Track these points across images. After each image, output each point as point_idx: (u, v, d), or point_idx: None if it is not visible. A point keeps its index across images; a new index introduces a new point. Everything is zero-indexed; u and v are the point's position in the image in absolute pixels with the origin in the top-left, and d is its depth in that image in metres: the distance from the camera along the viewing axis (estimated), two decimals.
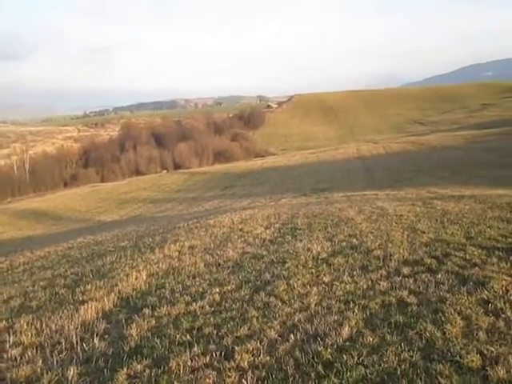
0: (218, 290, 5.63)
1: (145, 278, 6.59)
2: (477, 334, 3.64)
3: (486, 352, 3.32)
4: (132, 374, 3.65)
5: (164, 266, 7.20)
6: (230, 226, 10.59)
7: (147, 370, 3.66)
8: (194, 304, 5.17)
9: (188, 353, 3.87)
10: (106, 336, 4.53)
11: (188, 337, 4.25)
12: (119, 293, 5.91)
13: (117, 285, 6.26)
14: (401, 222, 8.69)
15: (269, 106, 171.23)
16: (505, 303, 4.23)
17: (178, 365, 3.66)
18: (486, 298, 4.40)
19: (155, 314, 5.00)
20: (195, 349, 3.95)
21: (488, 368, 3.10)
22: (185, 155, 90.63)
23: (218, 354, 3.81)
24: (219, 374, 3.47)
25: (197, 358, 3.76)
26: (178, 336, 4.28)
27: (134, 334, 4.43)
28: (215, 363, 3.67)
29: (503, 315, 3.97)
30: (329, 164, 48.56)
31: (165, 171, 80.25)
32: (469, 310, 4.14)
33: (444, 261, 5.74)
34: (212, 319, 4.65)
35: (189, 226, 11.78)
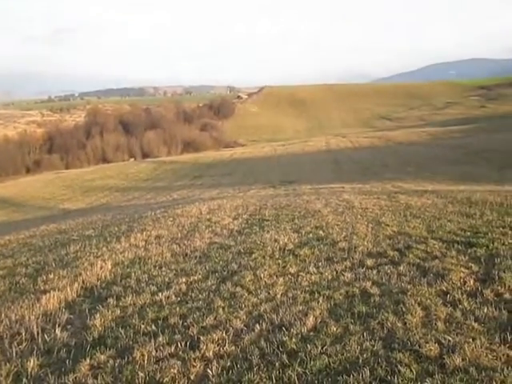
0: (184, 280, 5.59)
1: (110, 267, 6.47)
2: (435, 324, 3.77)
3: (443, 341, 3.45)
4: (95, 364, 3.59)
5: (130, 255, 7.09)
6: (197, 216, 10.51)
7: (111, 361, 3.61)
8: (159, 294, 5.12)
9: (153, 343, 3.85)
10: (69, 326, 4.43)
11: (153, 327, 4.22)
12: (83, 282, 5.79)
13: (81, 274, 6.12)
14: (366, 214, 8.86)
15: (239, 96, 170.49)
16: (462, 294, 4.40)
17: (143, 355, 3.63)
18: (444, 289, 4.56)
19: (120, 303, 4.92)
20: (160, 339, 3.92)
21: (445, 356, 3.23)
22: (153, 144, 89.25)
23: (183, 343, 3.80)
24: (184, 364, 3.47)
25: (162, 348, 3.74)
26: (142, 326, 4.24)
27: (97, 325, 4.36)
28: (180, 353, 3.66)
29: (460, 306, 4.13)
30: (298, 156, 48.92)
31: (132, 159, 78.83)
32: (428, 301, 4.28)
33: (406, 253, 5.90)
34: (178, 309, 4.62)
35: (156, 215, 11.61)
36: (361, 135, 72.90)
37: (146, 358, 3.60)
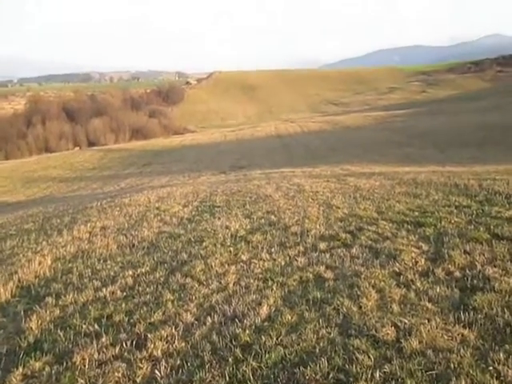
0: (131, 272, 5.28)
1: (50, 263, 6.03)
2: (390, 307, 3.72)
3: (399, 324, 3.39)
4: (29, 373, 3.24)
5: (72, 249, 6.66)
6: (146, 205, 10.12)
7: (47, 368, 3.27)
8: (103, 289, 4.79)
9: (95, 344, 3.54)
10: (1, 332, 4.02)
11: (96, 326, 3.90)
12: (19, 281, 5.32)
13: (16, 272, 5.63)
14: (317, 198, 8.83)
15: (188, 82, 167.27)
16: (414, 274, 4.40)
17: (84, 359, 3.32)
18: (397, 270, 4.55)
19: (60, 302, 4.55)
20: (103, 339, 3.62)
21: (402, 340, 3.17)
22: (100, 131, 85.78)
23: (128, 343, 3.52)
24: (129, 366, 3.20)
25: (105, 350, 3.45)
26: (84, 326, 3.91)
27: (33, 328, 3.98)
28: (125, 354, 3.38)
29: (413, 286, 4.12)
30: (248, 142, 48.83)
31: (77, 148, 75.50)
32: (382, 283, 4.24)
33: (358, 235, 5.88)
34: (123, 305, 4.32)
35: (102, 205, 11.08)
36: (309, 120, 73.90)
37: (88, 361, 3.29)
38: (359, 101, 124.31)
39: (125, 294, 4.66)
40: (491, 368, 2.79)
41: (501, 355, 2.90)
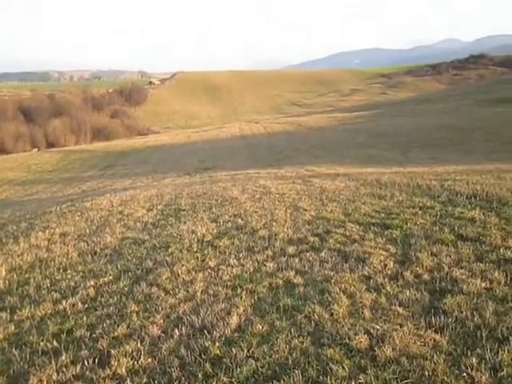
0: (92, 282, 5.04)
1: (4, 274, 5.70)
2: (362, 313, 3.67)
3: (372, 331, 3.34)
4: None
5: (29, 257, 6.32)
6: (108, 209, 9.78)
7: None
8: (63, 302, 4.54)
9: (54, 363, 3.30)
10: None
11: (55, 343, 3.65)
12: None
13: None
14: (283, 200, 8.78)
15: (151, 82, 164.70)
16: (384, 278, 4.39)
17: (41, 380, 3.09)
18: (367, 273, 4.52)
19: (15, 317, 4.27)
20: (63, 357, 3.39)
21: (376, 348, 3.12)
22: (59, 132, 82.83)
23: (90, 361, 3.31)
24: None
25: (65, 369, 3.22)
26: (42, 343, 3.66)
27: None
28: (87, 373, 3.17)
29: (384, 290, 4.10)
30: (212, 143, 48.48)
31: (36, 150, 72.69)
32: (352, 288, 4.19)
33: (326, 238, 5.84)
34: (85, 319, 4.08)
35: (62, 209, 10.63)
36: (273, 121, 74.28)
37: (45, 383, 3.06)
38: (322, 102, 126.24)
39: (86, 306, 4.42)
40: (465, 374, 2.78)
41: (473, 360, 2.90)
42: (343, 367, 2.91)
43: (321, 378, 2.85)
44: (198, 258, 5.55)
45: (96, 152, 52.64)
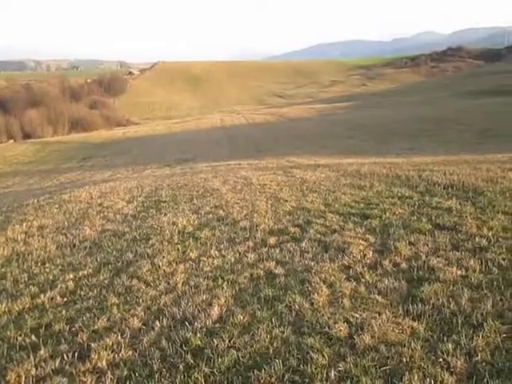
0: (71, 276, 4.97)
1: None
2: (342, 302, 3.72)
3: (351, 319, 3.39)
4: None
5: (6, 251, 6.20)
6: (87, 201, 9.64)
7: None
8: (41, 296, 4.47)
9: (32, 358, 3.25)
10: None
11: (33, 337, 3.60)
12: None
13: None
14: (264, 191, 8.79)
15: (130, 72, 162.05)
16: (363, 267, 4.45)
17: (19, 376, 3.03)
18: (346, 263, 4.58)
19: None
20: (42, 352, 3.34)
21: (355, 336, 3.17)
22: (36, 123, 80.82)
23: (70, 355, 3.27)
24: (71, 381, 2.97)
25: (43, 364, 3.18)
26: (20, 338, 3.60)
27: None
28: (67, 367, 3.13)
29: (363, 279, 4.16)
30: (193, 134, 48.20)
31: (11, 141, 70.88)
32: (332, 277, 4.24)
33: (307, 229, 5.89)
34: (64, 312, 4.03)
35: (39, 202, 10.43)
36: (254, 112, 74.16)
37: (24, 378, 3.02)
38: (303, 93, 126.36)
39: (65, 299, 4.36)
40: (441, 360, 2.85)
41: (449, 346, 2.98)
42: (323, 355, 2.95)
43: (301, 366, 2.88)
44: (178, 249, 5.54)
45: (74, 143, 51.77)
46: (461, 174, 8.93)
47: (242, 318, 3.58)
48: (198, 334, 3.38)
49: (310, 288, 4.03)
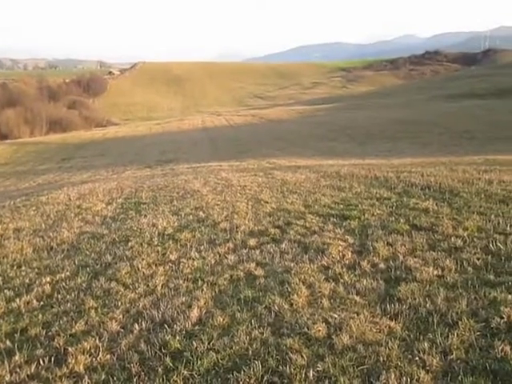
0: (48, 279, 4.88)
1: None
2: (321, 302, 3.75)
3: (330, 320, 3.42)
4: None
5: None
6: (65, 203, 9.49)
7: None
8: (17, 300, 4.37)
9: (7, 364, 3.18)
10: None
11: (8, 343, 3.52)
12: None
13: None
14: (245, 192, 8.81)
15: (110, 72, 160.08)
16: (342, 268, 4.49)
17: None
18: (325, 264, 4.62)
19: None
20: (17, 357, 3.27)
21: (333, 336, 3.19)
22: (12, 123, 79.00)
23: (46, 359, 3.21)
24: None
25: (18, 370, 3.11)
26: None
27: None
28: (43, 372, 3.08)
29: (342, 280, 4.20)
30: (174, 135, 47.92)
31: None
32: (312, 278, 4.27)
33: (287, 230, 5.92)
34: (40, 316, 3.95)
35: (16, 204, 10.22)
36: (235, 113, 74.19)
37: None
38: (284, 95, 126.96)
39: (42, 303, 4.28)
40: (417, 358, 2.90)
41: (425, 344, 3.03)
42: (302, 356, 2.97)
43: (280, 367, 2.90)
44: (158, 251, 5.50)
45: (52, 144, 50.87)
46: (438, 175, 9.11)
47: (221, 319, 3.57)
48: (177, 337, 3.36)
49: (289, 289, 4.05)
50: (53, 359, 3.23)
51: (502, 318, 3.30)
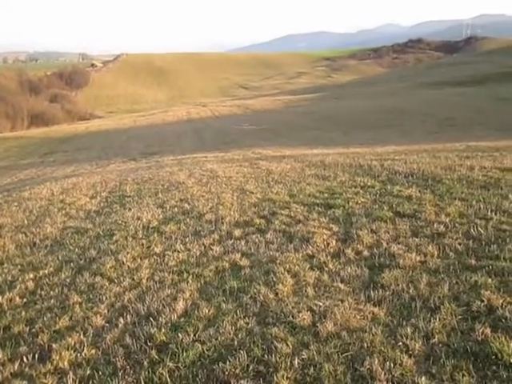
0: (31, 275, 4.83)
1: None
2: (306, 291, 3.78)
3: (315, 308, 3.45)
4: None
5: None
6: (48, 198, 9.38)
7: None
8: None
9: None
10: None
11: None
12: None
13: None
14: (230, 183, 8.79)
15: (93, 64, 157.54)
16: (327, 256, 4.52)
17: None
18: (310, 253, 4.64)
19: None
20: (0, 355, 3.24)
21: (318, 324, 3.22)
22: None
23: (30, 356, 3.18)
24: (31, 383, 2.90)
25: (1, 368, 3.08)
26: None
27: None
28: (26, 369, 3.05)
29: (326, 268, 4.23)
30: (159, 127, 47.49)
31: None
32: (297, 267, 4.29)
33: (272, 220, 5.92)
34: (23, 313, 3.91)
35: None
36: (220, 104, 73.75)
37: None
38: (269, 85, 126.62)
39: (25, 300, 4.24)
40: (400, 343, 2.94)
41: (408, 330, 3.07)
42: (287, 344, 2.99)
43: (266, 356, 2.91)
44: (143, 244, 5.47)
45: (34, 138, 50.04)
46: (421, 162, 9.20)
47: (207, 311, 3.58)
48: (163, 329, 3.35)
49: (274, 278, 4.07)
50: (37, 356, 3.20)
51: (482, 301, 3.36)
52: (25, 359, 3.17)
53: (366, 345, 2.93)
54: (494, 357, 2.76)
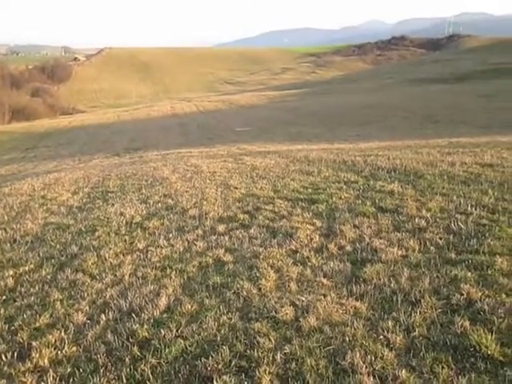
0: (11, 272, 4.74)
1: None
2: (288, 286, 3.79)
3: (297, 302, 3.46)
4: None
5: None
6: (29, 194, 9.22)
7: None
8: None
9: None
10: None
11: None
12: None
13: None
14: (214, 178, 8.76)
15: (76, 58, 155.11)
16: (310, 251, 4.54)
17: None
18: (294, 248, 4.66)
19: None
20: None
21: (300, 318, 3.23)
22: None
23: (9, 355, 3.12)
24: (10, 382, 2.84)
25: None
26: None
27: None
28: (5, 368, 2.99)
29: (309, 263, 4.25)
30: (143, 122, 47.15)
31: None
32: (280, 262, 4.30)
33: (256, 215, 5.92)
34: (2, 311, 3.84)
35: None
36: (205, 99, 73.45)
37: None
38: (254, 80, 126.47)
39: (4, 297, 4.16)
40: (381, 337, 2.97)
41: (389, 323, 3.11)
42: (270, 339, 3.00)
43: (248, 351, 2.91)
44: (126, 240, 5.42)
45: (15, 133, 49.18)
46: (403, 158, 9.29)
47: (189, 306, 3.56)
48: (145, 326, 3.33)
49: (257, 274, 4.07)
50: (16, 354, 3.15)
51: (461, 294, 3.42)
52: (3, 357, 3.11)
53: (347, 339, 2.96)
54: (472, 349, 2.81)
